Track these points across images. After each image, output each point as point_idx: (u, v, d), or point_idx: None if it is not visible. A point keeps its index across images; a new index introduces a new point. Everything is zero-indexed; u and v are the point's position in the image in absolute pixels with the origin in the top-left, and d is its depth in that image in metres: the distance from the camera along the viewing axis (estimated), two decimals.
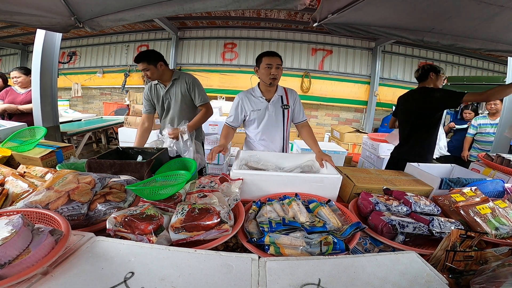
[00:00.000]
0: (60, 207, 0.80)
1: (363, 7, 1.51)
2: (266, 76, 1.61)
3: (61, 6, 1.72)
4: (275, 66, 1.59)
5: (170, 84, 1.94)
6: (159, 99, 2.01)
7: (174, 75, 1.95)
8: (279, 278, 0.56)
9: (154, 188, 0.90)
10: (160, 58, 1.86)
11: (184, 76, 1.98)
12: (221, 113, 4.81)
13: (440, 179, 1.19)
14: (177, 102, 1.98)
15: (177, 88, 1.96)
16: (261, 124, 1.74)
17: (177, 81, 1.96)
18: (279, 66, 1.61)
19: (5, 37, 7.35)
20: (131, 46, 7.25)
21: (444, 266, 0.66)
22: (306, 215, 0.89)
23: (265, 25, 6.48)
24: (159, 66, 1.85)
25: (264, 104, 1.71)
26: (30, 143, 1.37)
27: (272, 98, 1.72)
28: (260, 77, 1.68)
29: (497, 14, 1.39)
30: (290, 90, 1.80)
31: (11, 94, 2.75)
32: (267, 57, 1.61)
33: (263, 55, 1.63)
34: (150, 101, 2.05)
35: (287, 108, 1.74)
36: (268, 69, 1.59)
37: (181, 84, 1.96)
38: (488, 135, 3.17)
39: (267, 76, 1.61)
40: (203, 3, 1.62)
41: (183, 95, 1.97)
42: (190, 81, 1.96)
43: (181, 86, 1.96)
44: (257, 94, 1.72)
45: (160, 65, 1.86)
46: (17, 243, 0.53)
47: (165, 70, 1.91)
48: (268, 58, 1.60)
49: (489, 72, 6.75)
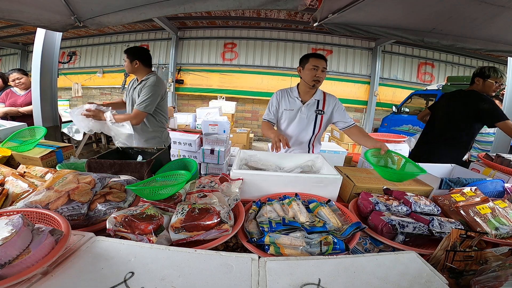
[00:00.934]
0: (60, 207, 0.80)
1: (363, 7, 1.52)
2: (310, 77, 1.58)
3: (61, 5, 1.72)
4: (321, 68, 1.57)
5: (138, 83, 1.95)
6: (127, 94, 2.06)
7: (147, 75, 1.91)
8: (279, 278, 0.56)
9: (154, 188, 0.90)
10: (138, 57, 1.88)
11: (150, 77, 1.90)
12: (220, 113, 4.81)
13: (440, 179, 1.19)
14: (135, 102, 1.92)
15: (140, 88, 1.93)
16: (291, 124, 1.72)
17: (144, 82, 1.91)
18: (324, 69, 1.59)
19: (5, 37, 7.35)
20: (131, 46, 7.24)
21: (444, 266, 0.66)
22: (306, 215, 0.89)
23: (265, 25, 6.48)
24: (134, 63, 1.89)
25: (298, 105, 1.69)
26: (30, 143, 1.37)
27: (308, 101, 1.68)
28: (303, 77, 1.64)
29: (498, 15, 1.39)
30: (330, 95, 1.73)
31: (11, 96, 2.74)
32: (314, 58, 1.58)
33: (310, 56, 1.60)
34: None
35: (321, 113, 1.69)
36: (314, 71, 1.57)
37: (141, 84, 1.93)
38: (488, 135, 3.17)
39: (311, 78, 1.58)
40: (204, 3, 1.62)
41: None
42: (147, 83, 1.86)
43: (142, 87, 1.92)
44: (294, 94, 1.70)
45: (136, 62, 1.89)
46: (17, 243, 0.53)
47: (139, 68, 1.91)
48: (315, 59, 1.57)
49: None
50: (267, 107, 1.77)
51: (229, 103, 5.48)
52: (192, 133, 3.58)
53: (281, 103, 1.72)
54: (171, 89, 6.93)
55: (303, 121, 1.70)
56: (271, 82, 6.65)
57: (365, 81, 6.48)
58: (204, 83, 6.91)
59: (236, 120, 6.87)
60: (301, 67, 1.65)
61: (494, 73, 1.81)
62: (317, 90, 1.69)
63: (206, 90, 6.91)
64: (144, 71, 1.94)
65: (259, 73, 6.69)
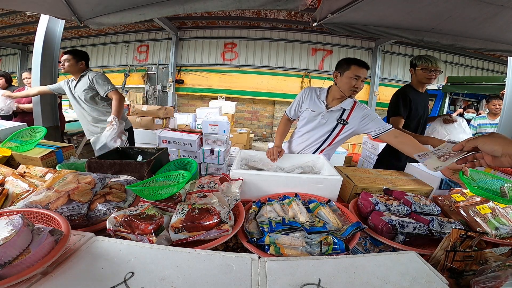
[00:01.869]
0: (60, 207, 0.80)
1: (362, 6, 1.52)
2: (349, 87, 1.44)
3: (62, 5, 1.72)
4: (362, 78, 1.43)
5: (77, 80, 2.15)
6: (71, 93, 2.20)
7: (83, 72, 2.15)
8: (279, 278, 0.56)
9: (154, 188, 0.90)
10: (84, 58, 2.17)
11: (88, 73, 2.15)
12: (221, 113, 4.80)
13: (440, 179, 1.19)
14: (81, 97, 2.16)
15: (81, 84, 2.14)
16: (307, 125, 1.64)
17: (83, 78, 2.14)
18: (364, 79, 1.46)
19: (5, 37, 7.35)
20: (131, 46, 7.25)
21: (444, 266, 0.66)
22: (306, 215, 0.89)
23: (265, 25, 6.48)
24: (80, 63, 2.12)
25: (321, 109, 1.57)
26: (30, 143, 1.37)
27: (333, 107, 1.54)
28: (339, 85, 1.49)
29: (497, 14, 1.39)
30: (361, 106, 1.55)
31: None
32: (357, 66, 1.41)
33: (352, 62, 1.43)
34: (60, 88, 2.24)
35: (343, 123, 1.54)
36: (354, 80, 1.42)
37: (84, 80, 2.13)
38: None
39: (350, 88, 1.44)
40: (204, 3, 1.62)
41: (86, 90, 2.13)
42: (92, 76, 2.12)
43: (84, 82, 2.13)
44: (321, 97, 1.58)
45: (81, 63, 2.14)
46: (17, 243, 0.53)
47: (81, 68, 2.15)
48: (358, 68, 1.41)
49: (489, 72, 6.76)
50: (292, 102, 1.71)
51: (229, 103, 5.48)
52: (192, 133, 3.58)
53: (305, 101, 1.63)
54: (171, 89, 6.93)
55: (320, 126, 1.60)
56: (271, 82, 6.65)
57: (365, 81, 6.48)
58: (204, 83, 6.91)
59: (236, 120, 6.87)
60: (338, 73, 1.49)
61: (419, 60, 1.76)
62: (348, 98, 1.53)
63: (206, 90, 6.91)
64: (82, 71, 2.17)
65: (259, 73, 6.69)
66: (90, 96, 2.14)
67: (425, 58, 1.75)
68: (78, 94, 2.15)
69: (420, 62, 1.77)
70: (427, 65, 1.73)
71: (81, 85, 2.13)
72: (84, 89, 2.12)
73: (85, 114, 2.22)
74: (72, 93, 2.19)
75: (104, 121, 2.15)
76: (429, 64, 1.72)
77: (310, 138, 1.66)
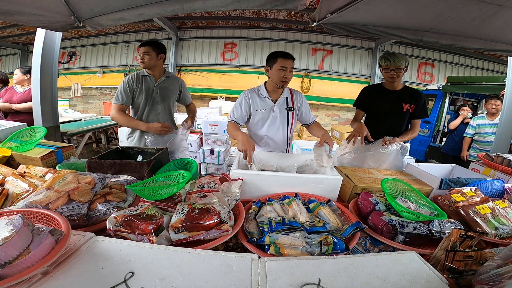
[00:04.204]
0: (60, 207, 0.80)
1: (362, 6, 1.52)
2: (278, 78, 1.56)
3: (61, 5, 1.72)
4: (289, 69, 1.54)
5: (164, 79, 1.99)
6: (147, 91, 1.92)
7: (166, 73, 2.03)
8: (279, 278, 0.56)
9: (154, 188, 0.90)
10: (164, 52, 1.96)
11: (176, 77, 2.12)
12: (221, 113, 4.80)
13: (440, 179, 1.19)
14: (167, 98, 2.02)
15: (169, 84, 2.03)
16: (265, 124, 1.71)
17: (170, 79, 2.03)
18: (292, 69, 1.57)
19: (5, 37, 7.34)
20: (131, 46, 7.25)
21: (444, 266, 0.66)
22: (306, 215, 0.89)
23: (265, 25, 6.48)
24: (159, 56, 1.91)
25: (269, 104, 1.67)
26: (30, 143, 1.37)
27: (278, 99, 1.68)
28: (271, 77, 1.61)
29: (496, 14, 1.39)
30: (296, 91, 1.76)
31: (9, 92, 2.79)
32: (282, 58, 1.53)
33: (278, 55, 1.54)
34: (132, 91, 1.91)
35: (292, 110, 1.71)
36: (282, 71, 1.53)
37: (173, 82, 2.06)
38: (486, 135, 3.17)
39: (279, 79, 1.56)
40: (203, 3, 1.62)
41: (172, 92, 2.05)
42: (181, 82, 2.14)
43: (174, 84, 2.06)
44: (263, 94, 1.68)
45: (161, 57, 1.93)
46: (17, 243, 0.53)
47: (161, 64, 1.98)
48: (283, 60, 1.53)
49: (489, 72, 6.75)
50: (234, 108, 1.71)
51: (229, 103, 5.48)
52: (192, 133, 3.58)
53: (252, 103, 1.67)
54: None
55: (276, 119, 1.69)
56: None
57: (365, 81, 6.47)
58: (204, 83, 6.90)
59: None
60: (268, 67, 1.60)
61: (381, 60, 1.76)
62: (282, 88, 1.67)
63: (206, 90, 6.90)
64: (162, 66, 2.01)
65: (259, 73, 6.68)
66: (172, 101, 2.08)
67: (385, 57, 1.72)
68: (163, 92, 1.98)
69: (381, 62, 1.75)
70: (386, 64, 1.71)
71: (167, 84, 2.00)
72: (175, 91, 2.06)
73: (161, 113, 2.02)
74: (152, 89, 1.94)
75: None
76: (388, 64, 1.70)
77: (274, 135, 1.73)
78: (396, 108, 1.80)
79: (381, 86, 1.88)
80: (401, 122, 1.85)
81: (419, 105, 1.79)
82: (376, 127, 1.83)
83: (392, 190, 1.07)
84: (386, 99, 1.82)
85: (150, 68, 1.92)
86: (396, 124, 1.84)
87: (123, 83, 1.91)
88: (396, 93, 1.81)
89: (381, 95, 1.84)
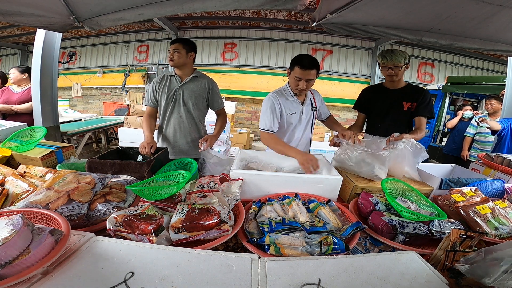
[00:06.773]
0: (60, 207, 0.80)
1: (361, 6, 1.52)
2: (294, 86, 1.52)
3: (60, 6, 1.72)
4: (304, 80, 1.44)
5: (189, 79, 1.82)
6: (170, 91, 1.81)
7: (194, 73, 1.84)
8: (279, 278, 0.56)
9: (154, 188, 0.90)
10: (194, 50, 1.84)
11: (205, 77, 1.88)
12: None
13: (440, 179, 1.19)
14: (190, 99, 1.82)
15: (195, 86, 1.83)
16: (296, 128, 1.66)
17: (197, 79, 1.84)
18: (309, 81, 1.45)
19: (5, 37, 7.35)
20: (131, 46, 7.25)
21: (444, 266, 0.66)
22: (306, 215, 0.89)
23: (265, 25, 6.49)
24: (189, 55, 1.79)
25: (299, 107, 1.63)
26: (30, 143, 1.37)
27: (305, 100, 1.66)
28: (289, 82, 1.57)
29: (496, 14, 1.40)
30: (314, 90, 1.74)
31: (6, 93, 2.67)
32: (300, 69, 1.42)
33: (296, 63, 1.44)
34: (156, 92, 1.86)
35: (315, 110, 1.70)
36: (297, 81, 1.47)
37: (201, 83, 1.84)
38: (487, 135, 3.17)
39: (294, 87, 1.52)
40: (203, 3, 1.62)
41: (198, 94, 1.83)
42: (211, 83, 1.87)
43: (201, 85, 1.84)
44: (291, 96, 1.60)
45: (191, 55, 1.80)
46: (17, 243, 0.53)
47: (190, 62, 1.84)
48: (300, 70, 1.42)
49: (489, 72, 6.75)
50: (266, 116, 1.56)
51: (229, 103, 5.48)
52: None
53: (284, 107, 1.59)
54: None
55: (304, 122, 1.67)
56: (271, 82, 6.65)
57: (365, 81, 6.47)
58: None
59: (236, 120, 6.87)
60: (289, 70, 1.54)
61: (378, 58, 1.70)
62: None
63: None
64: (192, 66, 1.87)
65: (259, 73, 6.69)
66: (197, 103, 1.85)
67: (383, 55, 1.65)
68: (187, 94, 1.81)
69: (379, 60, 1.68)
70: (383, 62, 1.64)
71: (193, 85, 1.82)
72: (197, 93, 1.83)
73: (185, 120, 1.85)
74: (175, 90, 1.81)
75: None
76: (385, 61, 1.62)
77: (301, 137, 1.72)
78: (396, 107, 1.73)
79: (381, 85, 1.84)
80: (402, 122, 1.76)
81: (420, 102, 1.67)
82: (376, 128, 1.80)
83: (392, 190, 1.07)
84: (386, 99, 1.76)
85: (179, 67, 1.79)
86: (396, 124, 1.75)
87: (150, 85, 1.89)
88: (396, 91, 1.74)
89: (381, 95, 1.80)
